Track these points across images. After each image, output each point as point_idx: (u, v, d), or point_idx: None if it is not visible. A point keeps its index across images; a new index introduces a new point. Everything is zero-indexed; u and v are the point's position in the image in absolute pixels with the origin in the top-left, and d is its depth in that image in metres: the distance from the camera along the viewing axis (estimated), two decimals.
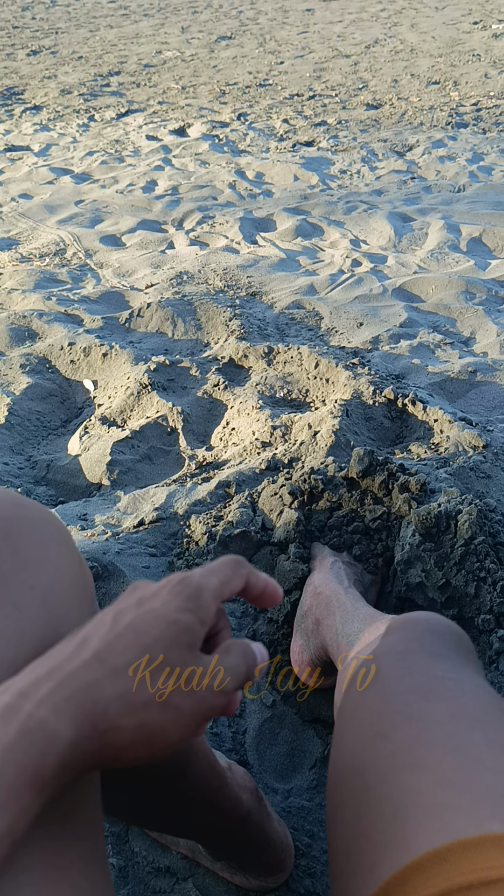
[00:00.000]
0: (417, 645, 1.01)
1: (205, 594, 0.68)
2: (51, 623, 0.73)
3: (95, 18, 9.31)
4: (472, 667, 1.00)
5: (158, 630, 0.64)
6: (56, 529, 0.82)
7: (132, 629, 0.65)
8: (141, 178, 4.55)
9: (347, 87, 6.36)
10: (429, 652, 0.99)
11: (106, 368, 2.71)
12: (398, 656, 0.99)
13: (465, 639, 1.08)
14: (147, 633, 0.64)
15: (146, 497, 2.09)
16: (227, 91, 6.35)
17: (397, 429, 2.36)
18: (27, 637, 0.70)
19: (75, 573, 0.81)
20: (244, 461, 2.20)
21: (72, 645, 0.64)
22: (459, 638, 1.07)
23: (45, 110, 5.90)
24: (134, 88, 6.50)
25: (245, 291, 3.24)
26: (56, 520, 0.83)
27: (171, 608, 0.66)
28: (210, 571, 0.71)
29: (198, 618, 0.66)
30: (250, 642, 0.71)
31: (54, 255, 3.63)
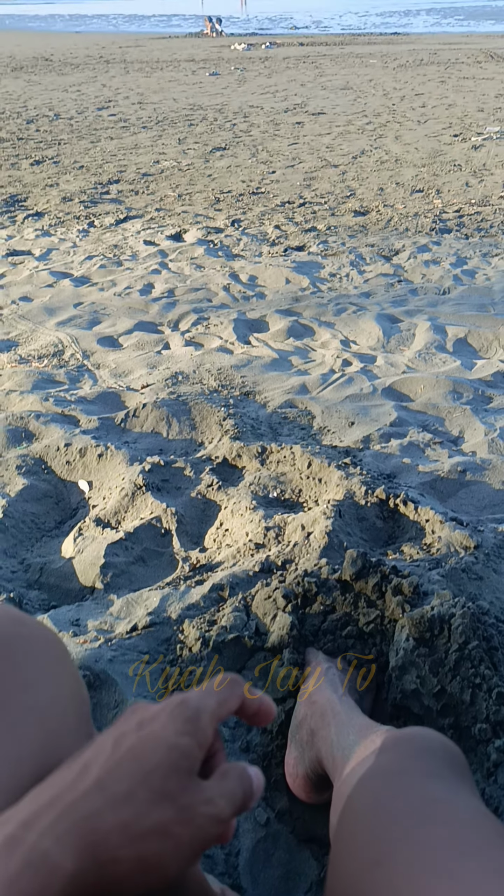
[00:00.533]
0: (411, 764, 1.01)
1: (203, 717, 0.69)
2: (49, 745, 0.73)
3: (97, 130, 9.81)
4: (466, 786, 0.99)
5: (158, 756, 0.65)
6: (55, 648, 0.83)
7: (132, 754, 0.65)
8: (138, 282, 4.71)
9: (336, 194, 6.67)
10: (423, 772, 0.98)
11: (101, 469, 2.75)
12: (393, 777, 0.99)
13: (459, 756, 1.07)
14: (147, 759, 0.65)
15: (139, 601, 2.08)
16: (221, 198, 6.64)
17: (389, 529, 2.38)
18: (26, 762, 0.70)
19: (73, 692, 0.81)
20: (238, 563, 2.21)
21: (73, 772, 0.65)
22: (454, 755, 1.06)
23: (47, 216, 6.15)
24: (133, 196, 6.80)
25: (239, 391, 3.32)
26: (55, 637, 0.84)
27: (170, 731, 0.66)
28: (208, 692, 0.72)
29: (196, 741, 0.67)
30: (247, 766, 0.71)
31: (52, 357, 3.72)
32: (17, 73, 15.62)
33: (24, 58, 18.58)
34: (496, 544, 2.24)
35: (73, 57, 18.80)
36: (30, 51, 20.27)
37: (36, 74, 15.45)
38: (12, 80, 14.48)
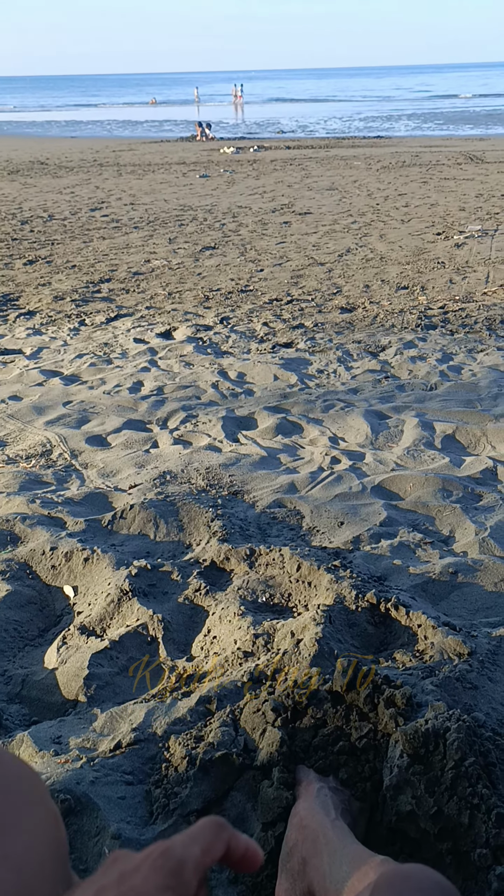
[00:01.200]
0: None
1: (187, 868, 0.65)
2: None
3: (89, 231, 10.12)
4: None
5: None
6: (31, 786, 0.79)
7: None
8: (128, 380, 4.76)
9: (323, 292, 6.85)
10: None
11: (87, 574, 2.70)
12: None
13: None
14: None
15: (124, 715, 2.01)
16: (210, 296, 6.81)
17: (381, 635, 2.33)
18: None
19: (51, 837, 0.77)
20: (226, 673, 2.15)
21: None
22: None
23: (39, 315, 6.27)
24: (123, 294, 6.96)
25: (227, 490, 3.31)
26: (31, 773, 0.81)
27: (151, 886, 0.63)
28: (192, 839, 0.69)
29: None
30: None
31: (40, 456, 3.72)
32: (14, 177, 16.22)
33: (21, 162, 19.35)
34: (490, 650, 2.19)
35: (68, 160, 19.59)
36: (26, 155, 21.13)
37: (32, 177, 16.06)
38: (8, 183, 15.03)
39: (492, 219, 10.17)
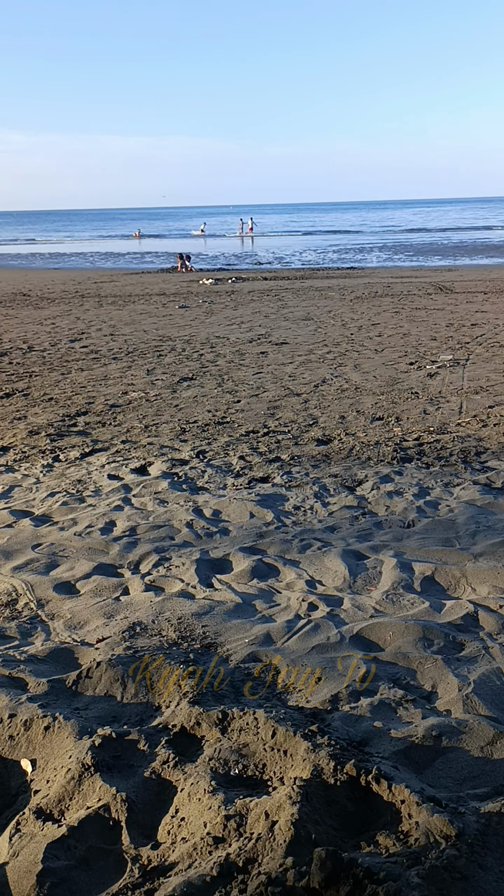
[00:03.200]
0: None
1: None
2: None
3: (68, 362, 10.29)
4: None
5: None
6: None
7: None
8: (100, 520, 4.67)
9: (299, 423, 6.91)
10: None
11: (47, 745, 2.52)
12: None
13: None
14: None
15: None
16: (187, 429, 6.84)
17: (362, 813, 2.16)
18: None
19: None
20: (194, 864, 1.96)
21: None
22: None
23: (12, 451, 6.24)
24: (100, 428, 6.98)
25: (200, 643, 3.17)
26: None
27: None
28: None
29: None
30: None
31: (5, 607, 3.58)
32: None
33: (3, 293, 19.91)
34: (479, 830, 2.03)
35: (50, 292, 20.20)
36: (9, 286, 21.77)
37: (13, 308, 16.47)
38: None
39: (462, 348, 10.47)
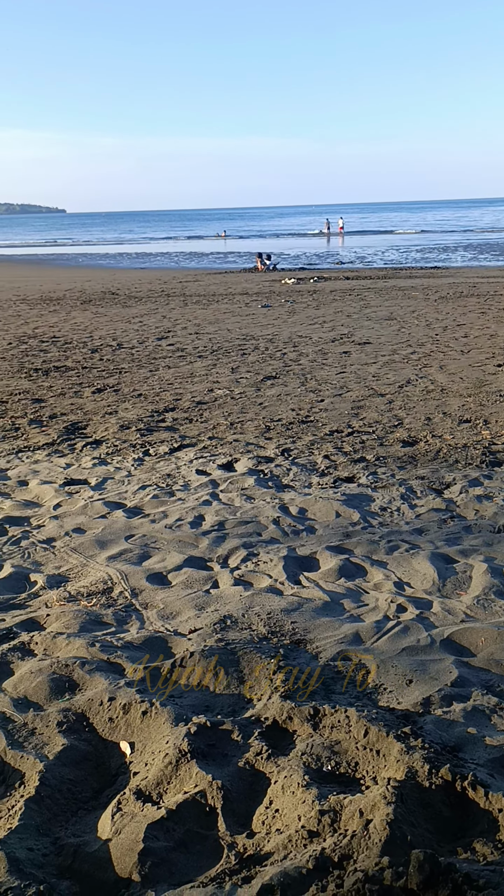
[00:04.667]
0: None
1: None
2: None
3: (155, 359, 10.49)
4: None
5: None
6: None
7: None
8: (189, 513, 4.77)
9: (384, 424, 6.87)
10: None
11: (145, 728, 2.60)
12: None
13: None
14: None
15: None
16: (271, 427, 6.89)
17: (458, 818, 2.15)
18: None
19: None
20: (289, 855, 2.00)
21: None
22: None
23: (105, 445, 6.41)
24: (187, 424, 7.10)
25: (289, 639, 3.20)
26: None
27: None
28: None
29: None
30: None
31: (101, 594, 3.69)
32: (86, 306, 17.09)
33: (93, 292, 20.41)
34: None
35: (137, 291, 20.60)
36: (99, 286, 22.31)
37: (103, 307, 16.88)
38: (81, 313, 15.81)
39: None
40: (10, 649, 3.12)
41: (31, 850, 2.07)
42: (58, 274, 28.15)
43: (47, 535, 4.46)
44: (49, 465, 5.86)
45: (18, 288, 21.91)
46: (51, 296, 19.58)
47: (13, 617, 3.45)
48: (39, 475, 5.62)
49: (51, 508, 4.91)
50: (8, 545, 4.31)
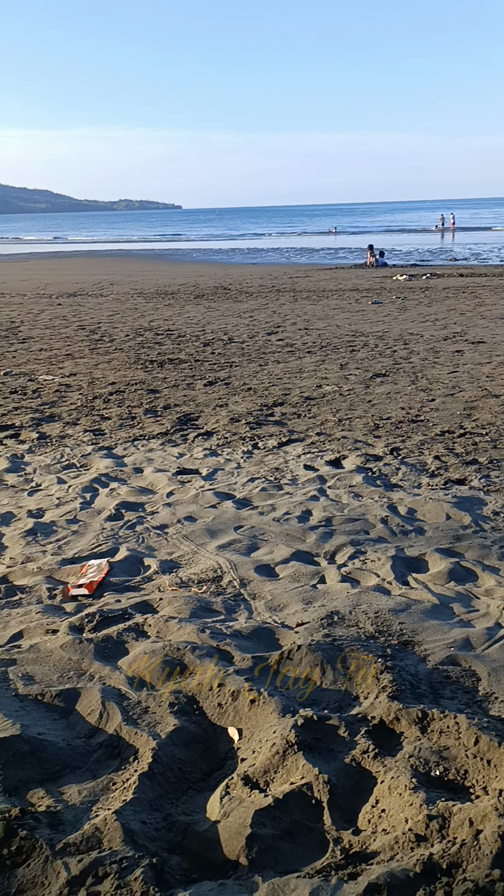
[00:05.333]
0: None
1: None
2: None
3: (265, 354, 10.57)
4: None
5: None
6: None
7: None
8: (297, 508, 4.79)
9: (498, 426, 6.69)
10: None
11: (252, 717, 2.65)
12: None
13: None
14: None
15: (286, 889, 1.90)
16: (380, 425, 6.83)
17: None
18: None
19: None
20: (396, 857, 1.99)
21: None
22: None
23: (215, 436, 6.53)
24: (295, 419, 7.13)
25: (396, 639, 3.18)
26: None
27: None
28: None
29: None
30: None
31: (211, 582, 3.77)
32: (199, 301, 17.40)
33: (206, 287, 20.75)
34: None
35: (248, 286, 20.79)
36: (211, 280, 22.66)
37: (215, 301, 17.14)
38: (194, 307, 16.12)
39: None
40: (126, 629, 3.24)
41: (143, 823, 2.15)
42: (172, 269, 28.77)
43: (160, 522, 4.58)
44: (163, 454, 6.02)
45: (136, 282, 22.53)
46: (166, 290, 20.03)
47: (128, 599, 3.58)
48: (154, 463, 5.78)
49: (164, 496, 5.05)
50: (124, 529, 4.47)
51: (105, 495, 5.08)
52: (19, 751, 2.40)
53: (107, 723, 2.62)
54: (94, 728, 2.61)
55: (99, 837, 2.06)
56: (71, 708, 2.72)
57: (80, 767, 2.44)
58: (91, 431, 6.77)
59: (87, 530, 4.49)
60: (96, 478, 5.43)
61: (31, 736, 2.48)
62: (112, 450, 6.20)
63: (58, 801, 2.25)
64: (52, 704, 2.74)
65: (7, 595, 3.65)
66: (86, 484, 5.31)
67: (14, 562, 4.05)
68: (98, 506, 4.89)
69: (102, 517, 4.68)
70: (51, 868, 1.97)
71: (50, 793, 2.28)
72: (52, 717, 2.67)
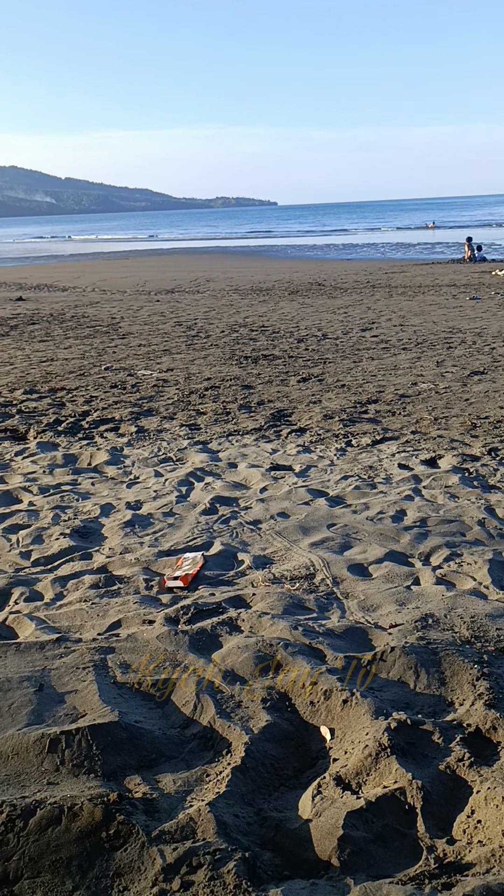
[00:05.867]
0: None
1: None
2: None
3: (359, 351, 10.47)
4: None
5: None
6: None
7: None
8: (391, 507, 4.74)
9: None
10: None
11: (344, 717, 2.64)
12: None
13: None
14: None
15: (378, 895, 1.88)
16: (478, 424, 6.66)
17: None
18: None
19: None
20: (492, 870, 1.95)
21: None
22: None
23: (308, 433, 6.52)
24: (389, 417, 7.04)
25: (493, 646, 3.10)
26: None
27: None
28: None
29: None
30: None
31: (304, 580, 3.78)
32: (293, 297, 17.40)
33: (300, 283, 20.73)
34: None
35: (343, 282, 20.65)
36: (306, 276, 22.63)
37: (309, 297, 17.11)
38: (288, 303, 16.13)
39: None
40: (220, 623, 3.28)
41: (236, 817, 2.17)
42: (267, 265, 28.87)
43: (254, 517, 4.62)
44: (256, 450, 6.05)
45: (231, 279, 22.73)
46: (260, 286, 20.13)
47: (222, 592, 3.62)
48: (247, 459, 5.82)
49: (257, 491, 5.08)
50: (218, 523, 4.52)
51: (200, 489, 5.15)
52: (117, 737, 2.47)
53: (201, 714, 2.66)
54: (189, 719, 2.66)
55: (193, 828, 2.10)
56: (166, 698, 2.78)
57: (174, 757, 2.49)
58: (187, 426, 6.88)
59: (182, 523, 4.57)
60: (192, 472, 5.52)
61: (129, 723, 2.55)
62: (207, 444, 6.28)
63: (153, 788, 2.30)
64: (148, 693, 2.80)
65: (107, 584, 3.76)
66: (181, 478, 5.40)
67: (113, 552, 4.17)
68: (193, 499, 4.96)
69: (197, 511, 4.75)
70: (147, 854, 2.01)
71: (146, 780, 2.34)
72: (148, 706, 2.73)
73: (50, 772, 2.37)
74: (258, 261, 32.05)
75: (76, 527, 4.51)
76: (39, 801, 2.16)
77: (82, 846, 2.04)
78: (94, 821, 2.10)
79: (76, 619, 3.40)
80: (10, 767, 2.38)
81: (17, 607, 3.53)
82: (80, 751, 2.42)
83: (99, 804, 2.14)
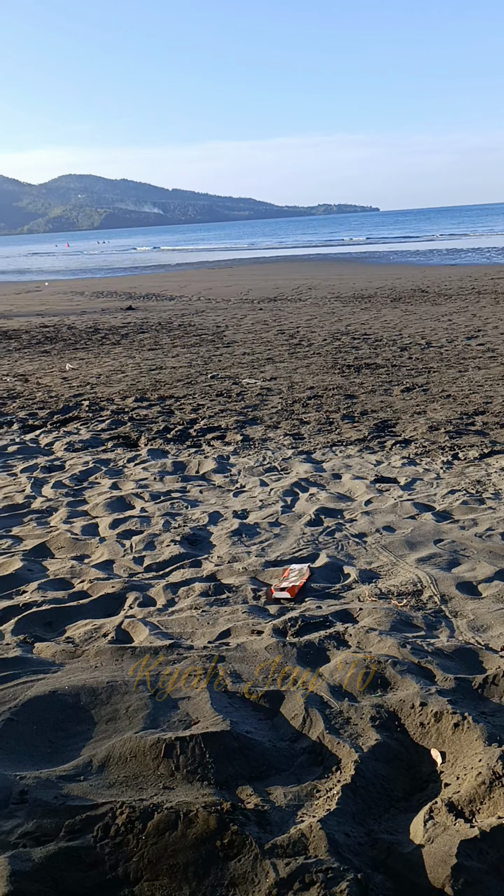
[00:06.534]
0: None
1: None
2: None
3: (465, 360, 10.25)
4: None
5: None
6: None
7: None
8: (501, 524, 4.62)
9: None
10: None
11: (456, 741, 2.59)
12: None
13: None
14: None
15: None
16: None
17: None
18: None
19: None
20: None
21: None
22: None
23: (413, 445, 6.44)
24: (498, 429, 6.86)
25: None
26: None
27: None
28: None
29: None
30: None
31: (411, 596, 3.73)
32: (396, 304, 17.20)
33: (403, 289, 20.47)
34: None
35: (447, 288, 20.25)
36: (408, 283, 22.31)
37: (412, 304, 16.86)
38: (391, 310, 15.95)
39: None
40: (327, 637, 3.29)
41: (347, 836, 2.17)
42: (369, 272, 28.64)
43: (359, 530, 4.60)
44: (360, 461, 6.03)
45: (333, 286, 22.69)
46: (362, 293, 20.00)
47: (329, 606, 3.62)
48: (352, 470, 5.80)
49: (362, 504, 5.06)
50: (323, 535, 4.53)
51: (305, 500, 5.17)
52: (229, 746, 2.51)
53: (310, 729, 2.68)
54: (298, 732, 2.68)
55: (304, 843, 2.11)
56: (275, 710, 2.80)
57: (284, 770, 2.51)
58: (291, 435, 6.91)
59: (288, 534, 4.60)
60: (296, 482, 5.54)
61: (240, 733, 2.58)
62: (311, 454, 6.30)
63: (265, 800, 2.33)
64: (257, 704, 2.84)
65: (216, 592, 3.83)
66: (286, 487, 5.43)
67: (221, 560, 4.24)
68: (298, 510, 4.99)
69: (303, 522, 4.77)
70: (260, 867, 2.04)
71: (257, 791, 2.37)
72: (258, 717, 2.77)
73: (165, 776, 2.43)
74: (360, 267, 31.83)
75: (186, 534, 4.62)
76: (157, 805, 2.23)
77: (198, 853, 2.09)
78: (208, 828, 2.14)
79: (187, 626, 3.48)
80: (128, 769, 2.46)
81: (131, 612, 3.64)
82: (193, 758, 2.47)
83: (213, 812, 2.18)
